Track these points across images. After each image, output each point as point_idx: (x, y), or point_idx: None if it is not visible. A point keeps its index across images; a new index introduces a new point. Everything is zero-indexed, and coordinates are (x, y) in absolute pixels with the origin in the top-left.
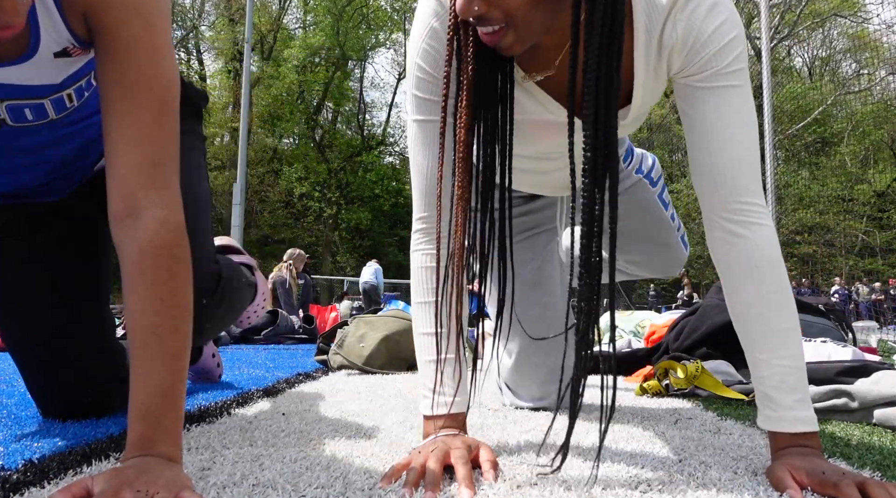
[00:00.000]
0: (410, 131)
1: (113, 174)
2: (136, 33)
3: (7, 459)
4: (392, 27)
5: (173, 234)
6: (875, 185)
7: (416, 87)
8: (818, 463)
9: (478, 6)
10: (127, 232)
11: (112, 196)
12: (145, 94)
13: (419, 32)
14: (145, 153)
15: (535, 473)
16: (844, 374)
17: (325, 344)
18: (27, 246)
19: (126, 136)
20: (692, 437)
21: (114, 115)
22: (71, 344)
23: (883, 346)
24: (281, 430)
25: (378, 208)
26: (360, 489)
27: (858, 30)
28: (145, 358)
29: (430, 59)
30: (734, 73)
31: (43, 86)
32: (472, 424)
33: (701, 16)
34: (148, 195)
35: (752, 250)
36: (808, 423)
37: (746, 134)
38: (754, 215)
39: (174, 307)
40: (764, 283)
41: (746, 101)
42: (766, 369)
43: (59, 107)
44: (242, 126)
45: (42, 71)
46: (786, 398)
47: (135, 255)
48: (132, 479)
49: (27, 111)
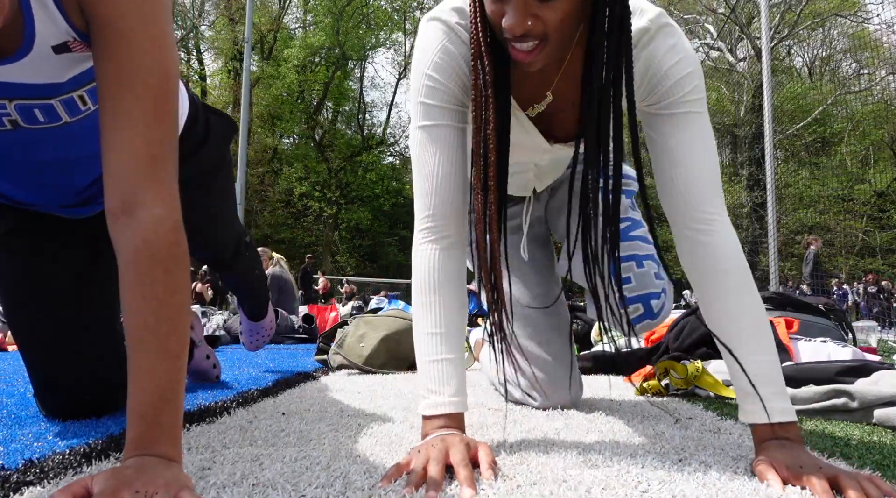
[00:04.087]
0: (415, 136)
1: (109, 170)
2: (132, 24)
3: (7, 459)
4: (392, 27)
5: (170, 232)
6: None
7: (425, 96)
8: (797, 456)
9: (531, 21)
10: (123, 230)
11: (108, 193)
12: (142, 87)
13: (430, 47)
14: (142, 149)
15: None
16: (844, 373)
17: (325, 344)
18: (33, 243)
19: (122, 131)
20: (692, 437)
21: (109, 109)
22: (76, 342)
23: (883, 346)
24: (281, 429)
25: (378, 208)
26: (360, 489)
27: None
28: (143, 358)
29: (442, 70)
30: (692, 102)
31: (47, 84)
32: (472, 423)
33: (659, 54)
34: (145, 192)
35: (717, 254)
36: (786, 413)
37: (706, 151)
38: (715, 223)
39: (171, 306)
40: (728, 282)
41: (705, 125)
42: (741, 366)
43: (72, 109)
44: (242, 126)
45: (43, 68)
46: (763, 390)
47: (131, 254)
48: (131, 479)
49: (37, 112)
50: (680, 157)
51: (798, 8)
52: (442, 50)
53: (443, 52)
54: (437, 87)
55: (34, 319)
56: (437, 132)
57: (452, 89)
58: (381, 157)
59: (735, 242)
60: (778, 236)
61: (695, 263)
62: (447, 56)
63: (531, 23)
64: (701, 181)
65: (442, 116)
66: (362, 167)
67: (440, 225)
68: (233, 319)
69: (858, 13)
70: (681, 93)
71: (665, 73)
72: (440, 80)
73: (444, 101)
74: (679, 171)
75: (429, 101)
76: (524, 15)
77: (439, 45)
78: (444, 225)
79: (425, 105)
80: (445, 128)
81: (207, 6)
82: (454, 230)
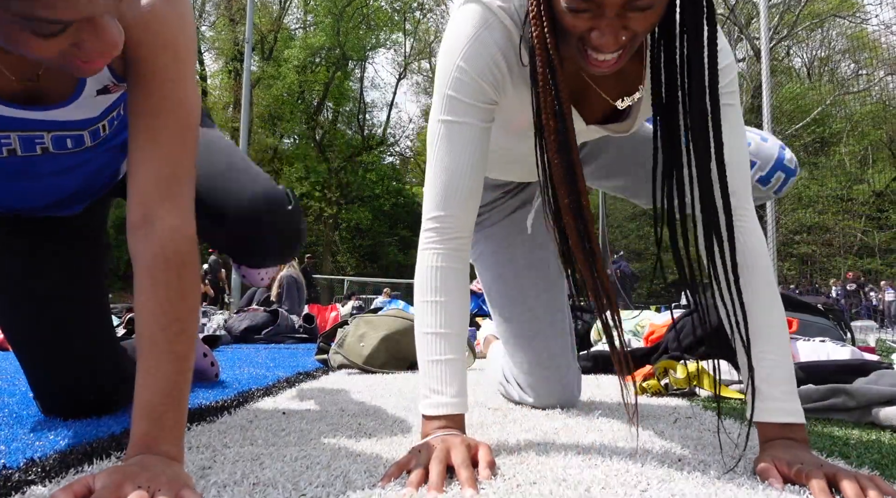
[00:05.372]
0: (435, 129)
1: (133, 188)
2: (165, 64)
3: (8, 458)
4: (392, 27)
5: (184, 242)
6: (874, 185)
7: (452, 88)
8: (800, 454)
9: (625, 36)
10: (141, 239)
11: (131, 207)
12: (170, 117)
13: (465, 33)
14: (164, 169)
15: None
16: (843, 373)
17: (326, 343)
18: (28, 242)
19: (148, 154)
20: (692, 436)
21: (139, 136)
22: (73, 341)
23: (881, 345)
24: (281, 429)
25: (378, 208)
26: (360, 488)
27: (857, 30)
28: (152, 358)
29: (474, 63)
30: (727, 95)
31: (85, 120)
32: (472, 423)
33: None
34: (163, 206)
35: (743, 251)
36: (795, 414)
37: (739, 145)
38: (744, 218)
39: (182, 309)
40: (753, 280)
41: (739, 118)
42: (754, 363)
43: (95, 136)
44: (243, 126)
45: (86, 108)
46: (773, 390)
47: (148, 260)
48: (134, 474)
49: (68, 141)
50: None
51: (797, 8)
52: (477, 39)
53: (478, 41)
54: (466, 80)
55: (33, 319)
56: (459, 130)
57: (482, 86)
58: (382, 157)
59: (761, 240)
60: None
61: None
62: (483, 47)
63: (625, 38)
64: (732, 174)
65: (467, 113)
66: (362, 167)
67: (449, 227)
68: (233, 319)
69: (857, 14)
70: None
71: None
72: (471, 74)
73: (471, 97)
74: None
75: (455, 94)
76: (619, 30)
77: (475, 33)
78: (453, 227)
79: (451, 98)
80: (469, 126)
81: (208, 6)
82: (463, 232)
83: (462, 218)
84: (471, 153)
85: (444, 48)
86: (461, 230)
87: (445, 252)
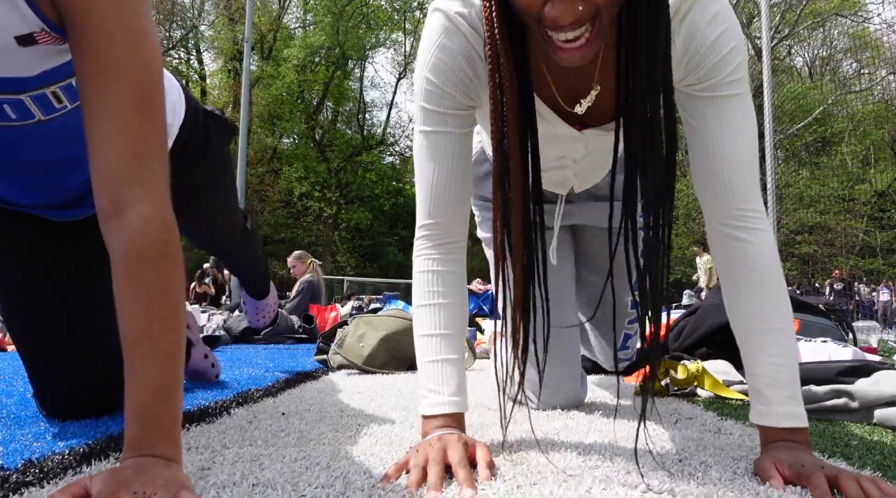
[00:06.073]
0: (417, 141)
1: (95, 170)
2: (106, 14)
3: (6, 459)
4: (392, 27)
5: (158, 231)
6: (875, 184)
7: (424, 99)
8: (801, 456)
9: (581, 6)
10: (113, 231)
11: (97, 193)
12: (122, 81)
13: (428, 46)
14: (126, 146)
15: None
16: (845, 374)
17: (325, 344)
18: (29, 243)
19: (104, 129)
20: (692, 437)
21: (90, 106)
22: (73, 342)
23: (883, 346)
24: (281, 429)
25: (378, 208)
26: (360, 489)
27: (859, 29)
28: (136, 359)
29: (439, 73)
30: (735, 83)
31: (15, 79)
32: (472, 423)
33: (701, 26)
34: (132, 191)
35: (753, 254)
36: (798, 418)
37: (747, 143)
38: (755, 221)
39: (164, 307)
40: (762, 284)
41: (747, 109)
42: (759, 366)
43: (46, 106)
44: (242, 125)
45: (7, 60)
46: (777, 394)
47: (121, 255)
48: (130, 479)
49: (7, 108)
50: (720, 148)
51: (798, 7)
52: (439, 48)
53: (440, 50)
54: (434, 91)
55: (35, 320)
56: (436, 139)
57: (451, 93)
58: (381, 157)
59: (770, 241)
60: (778, 236)
61: (727, 260)
62: (445, 55)
63: (581, 7)
64: (739, 175)
65: (442, 122)
66: (362, 167)
67: (438, 233)
68: (233, 319)
69: (859, 13)
70: (724, 72)
71: (709, 49)
72: (437, 84)
73: (443, 107)
74: (716, 164)
75: (427, 105)
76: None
77: (436, 42)
78: (442, 233)
79: (425, 110)
80: (445, 135)
81: (207, 6)
82: (454, 237)
83: (451, 223)
84: (449, 162)
85: (417, 59)
86: (452, 234)
87: (439, 256)
